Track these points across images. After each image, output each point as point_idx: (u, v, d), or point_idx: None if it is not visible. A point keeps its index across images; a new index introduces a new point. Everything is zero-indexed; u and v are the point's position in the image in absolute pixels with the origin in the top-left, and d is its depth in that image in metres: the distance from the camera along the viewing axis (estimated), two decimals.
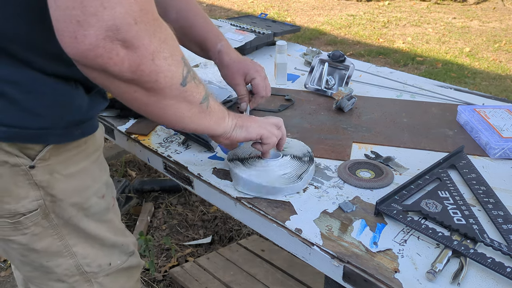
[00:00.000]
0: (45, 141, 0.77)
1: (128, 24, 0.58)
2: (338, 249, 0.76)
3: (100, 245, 0.91)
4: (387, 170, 0.97)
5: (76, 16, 0.56)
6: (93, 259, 0.90)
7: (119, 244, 0.95)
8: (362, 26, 5.87)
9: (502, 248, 0.74)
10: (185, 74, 0.69)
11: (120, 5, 0.57)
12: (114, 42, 0.58)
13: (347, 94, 1.25)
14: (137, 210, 2.31)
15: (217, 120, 0.82)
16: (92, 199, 0.87)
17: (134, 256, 1.00)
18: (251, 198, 0.90)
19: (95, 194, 0.87)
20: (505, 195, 0.90)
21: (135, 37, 0.59)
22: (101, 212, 0.90)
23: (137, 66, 0.62)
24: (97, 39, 0.57)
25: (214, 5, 7.04)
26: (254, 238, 2.01)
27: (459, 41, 5.21)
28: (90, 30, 0.57)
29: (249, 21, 1.95)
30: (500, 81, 4.06)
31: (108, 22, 0.57)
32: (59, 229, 0.84)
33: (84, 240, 0.88)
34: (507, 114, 1.16)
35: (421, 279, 0.70)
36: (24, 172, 0.77)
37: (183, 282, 1.75)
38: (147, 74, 0.63)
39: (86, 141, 0.84)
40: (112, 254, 0.94)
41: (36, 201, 0.80)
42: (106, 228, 0.91)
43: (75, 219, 0.85)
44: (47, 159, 0.79)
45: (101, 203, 0.89)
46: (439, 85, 1.46)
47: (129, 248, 0.98)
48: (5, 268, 1.97)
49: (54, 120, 0.77)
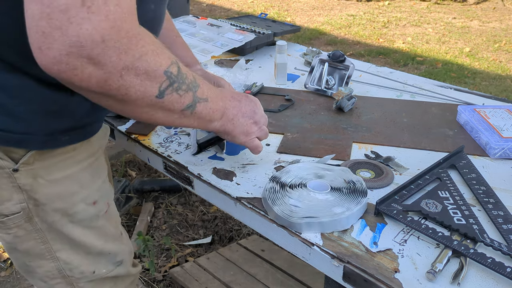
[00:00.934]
0: (27, 146, 0.77)
1: (94, 42, 0.56)
2: (338, 249, 0.76)
3: (85, 253, 0.90)
4: (387, 170, 0.97)
5: (42, 27, 0.55)
6: (76, 266, 0.89)
7: (106, 252, 0.93)
8: (362, 26, 5.87)
9: (502, 248, 0.74)
10: (164, 87, 0.67)
11: (88, 21, 0.55)
12: (79, 59, 0.56)
13: (347, 94, 1.25)
14: (137, 210, 2.31)
15: (201, 122, 0.80)
16: (79, 206, 0.86)
17: (123, 266, 0.98)
18: (251, 198, 0.90)
19: (83, 200, 0.86)
20: (505, 195, 0.90)
21: (101, 54, 0.57)
22: (89, 218, 0.88)
23: (104, 82, 0.60)
24: (60, 54, 0.55)
25: (214, 5, 7.04)
26: (254, 238, 2.01)
27: (459, 41, 5.21)
28: (54, 44, 0.55)
29: (249, 21, 1.95)
30: (500, 81, 4.06)
31: (72, 38, 0.55)
32: (43, 233, 0.84)
33: (69, 246, 0.87)
34: (507, 114, 1.16)
35: (421, 279, 0.70)
36: (8, 175, 0.78)
37: (183, 282, 1.75)
38: (116, 89, 0.62)
39: (75, 148, 0.84)
40: (97, 263, 0.92)
41: (19, 204, 0.80)
42: (93, 235, 0.90)
43: (59, 224, 0.85)
44: (31, 163, 0.78)
45: (89, 210, 0.88)
46: (439, 85, 1.46)
47: (117, 257, 0.96)
48: (5, 268, 1.97)
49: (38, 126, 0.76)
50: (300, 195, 0.85)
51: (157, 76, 0.65)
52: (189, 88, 0.72)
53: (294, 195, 0.85)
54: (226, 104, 0.85)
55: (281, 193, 0.86)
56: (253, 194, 0.91)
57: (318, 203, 0.83)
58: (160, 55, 0.65)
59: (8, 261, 2.00)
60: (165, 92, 0.68)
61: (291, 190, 0.87)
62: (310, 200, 0.84)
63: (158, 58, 0.65)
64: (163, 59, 0.66)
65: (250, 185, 0.94)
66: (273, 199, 0.85)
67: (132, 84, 0.62)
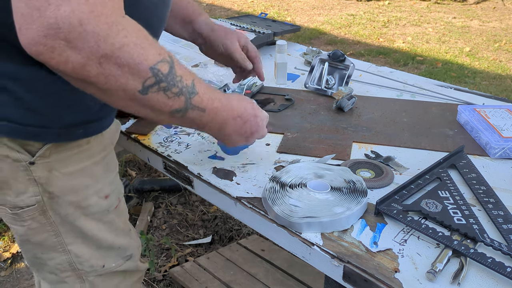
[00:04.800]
0: (43, 139, 0.78)
1: (71, 25, 0.55)
2: (338, 249, 0.76)
3: (96, 246, 0.90)
4: (387, 170, 0.97)
5: (21, 8, 0.55)
6: (86, 259, 0.90)
7: (116, 246, 0.94)
8: (362, 25, 5.87)
9: (502, 248, 0.74)
10: (148, 84, 0.64)
11: (67, 3, 0.54)
12: (56, 41, 0.56)
13: (347, 94, 1.25)
14: (137, 209, 2.31)
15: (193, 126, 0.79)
16: (92, 199, 0.87)
17: (132, 261, 0.98)
18: (251, 198, 0.90)
19: (96, 193, 0.87)
20: (505, 195, 0.90)
21: (78, 38, 0.56)
22: (102, 212, 0.89)
23: (82, 67, 0.59)
24: (38, 36, 0.55)
25: (214, 4, 7.04)
26: (254, 238, 2.01)
27: (459, 41, 5.21)
28: (32, 25, 0.55)
29: (249, 20, 1.95)
30: (500, 81, 4.06)
31: (50, 20, 0.54)
32: (56, 226, 0.85)
33: (81, 240, 0.88)
34: (507, 114, 1.16)
35: (421, 279, 0.70)
36: (24, 168, 0.78)
37: (183, 282, 1.75)
38: (94, 76, 0.60)
39: (89, 141, 0.84)
40: (107, 256, 0.93)
41: (35, 197, 0.81)
42: (105, 229, 0.91)
43: (72, 217, 0.85)
44: (47, 156, 0.79)
45: (102, 203, 0.89)
46: (439, 84, 1.46)
47: (126, 251, 0.97)
48: (5, 268, 1.97)
49: (55, 119, 0.77)
50: (300, 195, 0.85)
51: (140, 70, 0.62)
52: (181, 93, 0.69)
53: (294, 195, 0.85)
54: (228, 121, 0.83)
55: (281, 193, 0.86)
56: (253, 194, 0.91)
57: (318, 203, 0.83)
58: (146, 49, 0.63)
59: (8, 261, 2.00)
60: (149, 90, 0.65)
61: (291, 190, 0.87)
62: (310, 200, 0.84)
63: (143, 52, 0.62)
64: (150, 54, 0.63)
65: (250, 185, 0.94)
66: (273, 199, 0.85)
67: (112, 74, 0.61)
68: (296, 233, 0.80)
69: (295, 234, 0.80)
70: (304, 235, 0.79)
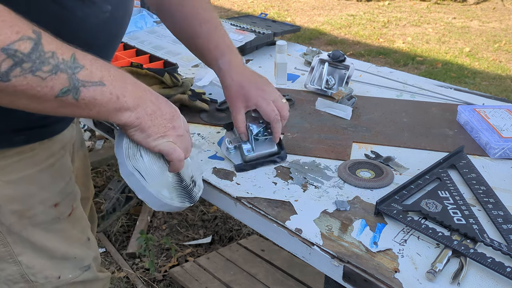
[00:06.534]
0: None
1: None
2: (338, 249, 0.76)
3: (48, 257, 0.86)
4: (387, 170, 0.97)
5: None
6: (39, 270, 0.85)
7: (70, 256, 0.89)
8: (362, 26, 5.87)
9: (502, 248, 0.74)
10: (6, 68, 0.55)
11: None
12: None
13: (347, 94, 1.25)
14: (137, 210, 2.31)
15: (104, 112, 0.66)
16: (38, 208, 0.82)
17: (90, 272, 0.93)
18: (251, 198, 0.90)
19: (42, 202, 0.83)
20: (505, 195, 0.90)
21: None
22: (50, 221, 0.85)
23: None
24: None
25: (214, 5, 7.04)
26: (254, 238, 2.01)
27: (459, 41, 5.21)
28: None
29: (249, 21, 1.95)
30: (500, 81, 4.07)
31: None
32: (3, 235, 0.81)
33: (31, 250, 0.83)
34: (507, 114, 1.16)
35: (421, 279, 0.70)
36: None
37: (183, 282, 1.75)
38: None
39: (33, 148, 0.80)
40: (63, 268, 0.88)
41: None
42: (56, 239, 0.86)
43: (17, 227, 0.81)
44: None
45: (49, 212, 0.84)
46: (439, 85, 1.46)
47: (84, 262, 0.92)
48: None
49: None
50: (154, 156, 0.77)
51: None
52: (58, 69, 0.59)
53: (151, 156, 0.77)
54: (143, 94, 0.71)
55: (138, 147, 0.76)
56: (253, 194, 0.91)
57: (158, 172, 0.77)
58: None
59: None
60: (10, 74, 0.56)
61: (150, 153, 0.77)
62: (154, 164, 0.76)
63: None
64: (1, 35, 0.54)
65: (250, 185, 0.94)
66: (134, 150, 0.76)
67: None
68: (296, 233, 0.80)
69: (295, 234, 0.80)
70: (304, 235, 0.80)
